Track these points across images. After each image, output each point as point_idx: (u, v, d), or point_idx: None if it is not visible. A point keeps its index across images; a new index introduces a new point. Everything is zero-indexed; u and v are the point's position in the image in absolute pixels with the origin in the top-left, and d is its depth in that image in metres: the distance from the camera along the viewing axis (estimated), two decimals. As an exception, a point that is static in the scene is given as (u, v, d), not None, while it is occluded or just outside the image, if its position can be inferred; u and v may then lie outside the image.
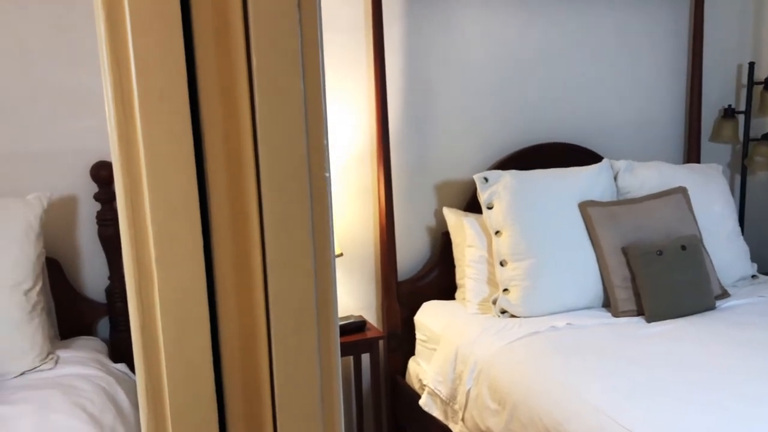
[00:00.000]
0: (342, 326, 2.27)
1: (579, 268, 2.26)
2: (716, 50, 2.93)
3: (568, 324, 2.13)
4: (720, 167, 2.71)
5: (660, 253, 2.19)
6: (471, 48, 2.56)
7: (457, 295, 2.47)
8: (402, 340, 2.48)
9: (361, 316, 2.39)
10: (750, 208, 3.02)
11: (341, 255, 2.41)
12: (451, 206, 2.54)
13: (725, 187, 2.63)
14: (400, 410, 2.49)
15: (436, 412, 2.21)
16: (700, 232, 2.38)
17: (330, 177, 0.49)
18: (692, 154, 2.90)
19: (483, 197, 2.32)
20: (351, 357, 2.37)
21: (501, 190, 2.29)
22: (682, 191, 2.44)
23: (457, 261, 2.47)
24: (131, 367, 1.94)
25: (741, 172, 3.01)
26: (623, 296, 2.21)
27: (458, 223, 2.43)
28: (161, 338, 0.45)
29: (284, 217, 0.47)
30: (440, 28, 2.51)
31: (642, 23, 2.81)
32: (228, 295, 0.47)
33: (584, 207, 2.31)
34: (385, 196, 2.40)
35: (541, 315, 2.20)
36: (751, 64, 2.92)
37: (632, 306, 2.20)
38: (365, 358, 2.40)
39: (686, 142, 2.95)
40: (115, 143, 0.44)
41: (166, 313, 0.45)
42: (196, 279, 0.45)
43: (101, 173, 2.09)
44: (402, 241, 2.51)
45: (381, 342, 2.42)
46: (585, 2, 2.70)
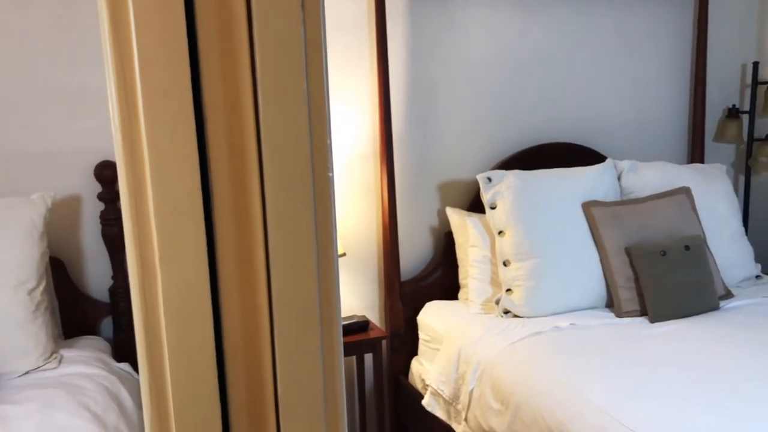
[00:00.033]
0: (345, 326, 2.27)
1: (582, 269, 2.25)
2: (720, 50, 2.93)
3: (572, 324, 2.12)
4: (724, 167, 2.70)
5: (663, 254, 2.18)
6: (474, 47, 2.56)
7: (460, 295, 2.46)
8: (405, 340, 2.48)
9: (364, 316, 2.39)
10: (754, 209, 3.01)
11: (344, 255, 2.41)
12: (454, 206, 2.54)
13: (729, 188, 2.62)
14: (403, 410, 2.49)
15: (439, 412, 2.21)
16: (704, 233, 2.38)
17: (333, 176, 0.49)
18: (696, 154, 2.90)
19: (486, 197, 2.32)
20: (354, 357, 2.37)
21: (504, 190, 2.29)
22: (686, 191, 2.43)
23: (460, 261, 2.47)
24: (134, 367, 1.95)
25: (745, 172, 3.01)
26: (627, 296, 2.20)
27: (461, 223, 2.43)
28: (165, 337, 0.45)
29: (287, 217, 0.47)
30: (443, 28, 2.51)
31: (646, 23, 2.80)
32: (231, 295, 0.47)
33: (588, 207, 2.31)
34: (388, 196, 2.40)
35: (545, 315, 2.20)
36: (755, 64, 2.91)
37: (636, 306, 2.19)
38: (368, 358, 2.40)
39: (690, 142, 2.94)
40: (119, 142, 0.44)
41: (170, 312, 0.45)
42: (200, 278, 0.45)
43: (105, 173, 2.09)
44: (405, 241, 2.51)
45: (384, 342, 2.42)
46: (588, 2, 2.70)
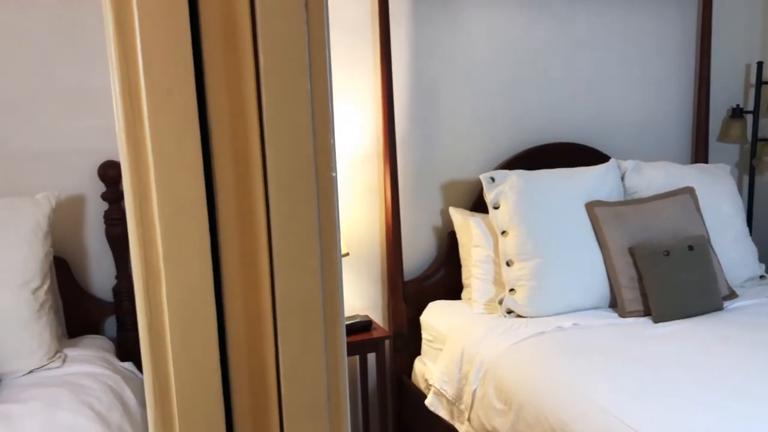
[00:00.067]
0: (348, 326, 2.27)
1: (586, 269, 2.25)
2: (724, 50, 2.92)
3: (575, 324, 2.12)
4: (728, 167, 2.69)
5: (667, 254, 2.18)
6: (477, 47, 2.56)
7: (463, 295, 2.46)
8: (408, 340, 2.48)
9: (367, 316, 2.39)
10: (758, 209, 3.01)
11: (347, 254, 2.41)
12: (458, 206, 2.54)
13: (733, 188, 2.61)
14: (406, 410, 2.49)
15: (442, 412, 2.21)
16: (708, 233, 2.37)
17: (336, 176, 0.49)
18: (700, 154, 2.89)
19: (489, 197, 2.32)
20: (357, 356, 2.37)
21: (507, 190, 2.29)
22: (690, 191, 2.43)
23: (463, 261, 2.46)
24: (138, 366, 1.95)
25: (749, 173, 3.00)
26: (630, 296, 2.20)
27: (464, 223, 2.43)
28: (168, 336, 0.45)
29: (291, 216, 0.47)
30: (446, 28, 2.50)
31: (649, 22, 2.80)
32: (235, 294, 0.47)
33: (591, 207, 2.31)
34: (392, 196, 2.40)
35: (548, 315, 2.20)
36: (760, 64, 2.90)
37: (639, 306, 2.19)
38: (371, 358, 2.40)
39: (694, 142, 2.93)
40: (123, 142, 0.44)
41: (174, 312, 0.45)
42: (204, 278, 0.45)
43: (109, 173, 2.10)
44: (408, 241, 2.51)
45: (387, 342, 2.43)
46: (592, 2, 2.69)
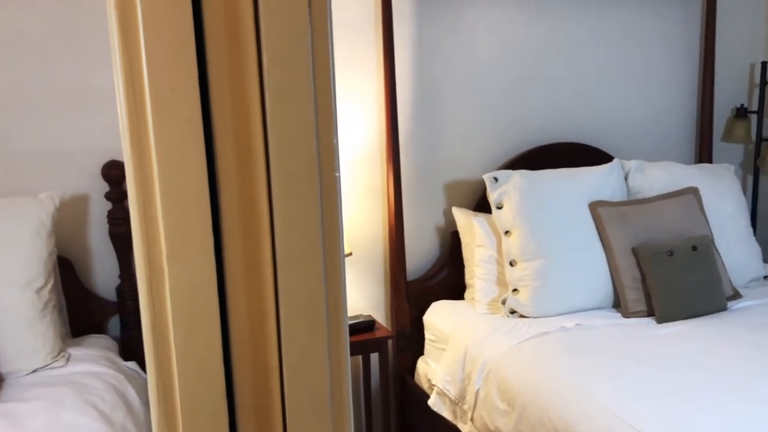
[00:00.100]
0: (351, 325, 2.27)
1: (589, 269, 2.25)
2: (728, 49, 2.91)
3: (578, 324, 2.12)
4: (732, 167, 2.69)
5: (671, 254, 2.18)
6: (480, 47, 2.55)
7: (467, 295, 2.46)
8: (411, 340, 2.48)
9: (370, 316, 2.39)
10: (762, 209, 3.00)
11: (350, 254, 2.41)
12: (461, 206, 2.53)
13: (737, 188, 2.61)
14: (409, 410, 2.49)
15: (445, 412, 2.21)
16: (712, 233, 2.36)
17: (340, 176, 0.49)
18: (704, 154, 2.88)
19: (492, 197, 2.31)
20: (360, 356, 2.37)
21: (511, 190, 2.28)
22: (694, 191, 2.42)
23: (467, 261, 2.46)
24: (141, 365, 1.95)
25: (753, 173, 2.99)
26: (633, 297, 2.20)
27: (467, 223, 2.43)
28: (172, 336, 0.45)
29: (294, 216, 0.47)
30: (449, 27, 2.50)
31: (653, 22, 2.79)
32: (238, 293, 0.47)
33: (594, 207, 2.30)
34: (395, 196, 2.40)
35: (551, 315, 2.19)
36: (764, 64, 2.89)
37: (642, 307, 2.19)
38: (374, 358, 2.40)
39: (698, 142, 2.93)
40: (127, 142, 0.44)
41: (177, 311, 0.45)
42: (207, 277, 0.45)
43: (112, 172, 2.10)
44: (411, 241, 2.51)
45: (390, 341, 2.42)
46: (595, 1, 2.69)
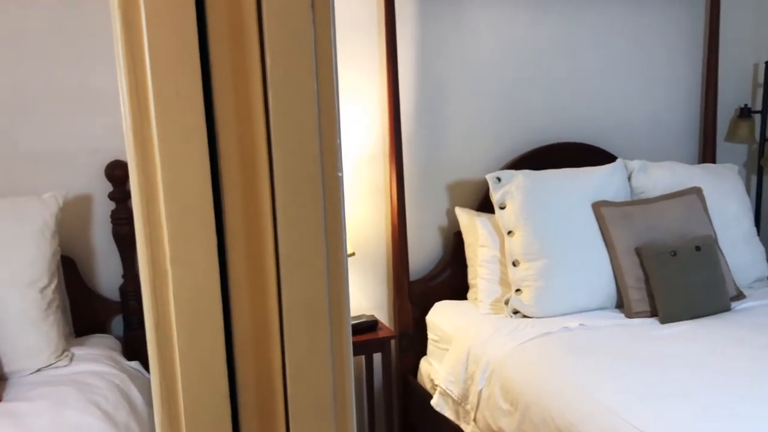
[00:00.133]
0: (354, 325, 2.27)
1: (592, 269, 2.24)
2: (732, 49, 2.90)
3: (581, 325, 2.12)
4: (736, 167, 2.68)
5: (674, 254, 2.17)
6: (483, 47, 2.55)
7: (470, 295, 2.46)
8: (414, 340, 2.48)
9: (373, 316, 2.39)
10: (766, 209, 2.99)
11: (353, 254, 2.41)
12: (464, 206, 2.53)
13: (741, 188, 2.60)
14: (412, 410, 2.49)
15: (448, 412, 2.21)
16: (715, 233, 2.36)
17: (342, 177, 0.49)
18: (707, 154, 2.88)
19: (495, 197, 2.31)
20: (363, 356, 2.37)
21: (514, 190, 2.28)
22: (697, 191, 2.42)
23: (470, 261, 2.46)
24: (145, 365, 1.96)
25: (757, 173, 2.98)
26: (637, 297, 2.19)
27: (470, 223, 2.43)
28: (175, 336, 0.46)
29: (297, 217, 0.47)
30: (452, 27, 2.50)
31: (656, 21, 2.79)
32: (241, 294, 0.47)
33: (598, 207, 2.30)
34: (397, 196, 2.40)
35: (554, 315, 2.19)
36: (768, 63, 2.89)
37: (646, 307, 2.18)
38: (377, 358, 2.40)
39: (701, 142, 2.92)
40: (131, 143, 0.44)
41: (181, 312, 0.45)
42: (210, 278, 0.45)
43: (116, 172, 2.11)
44: (414, 241, 2.51)
45: (393, 341, 2.43)
46: (598, 1, 2.69)
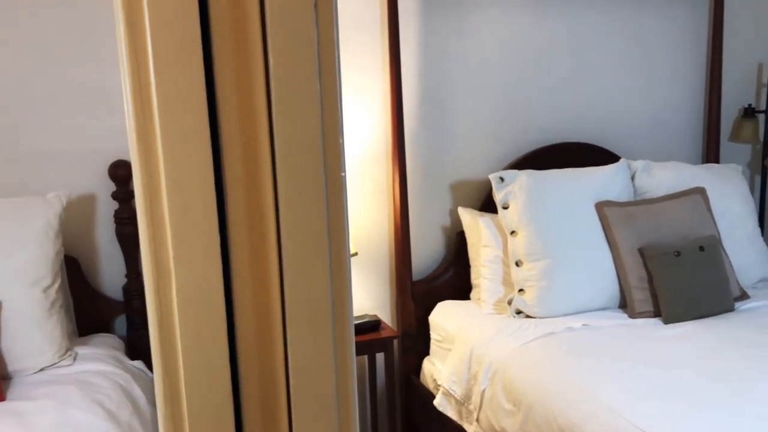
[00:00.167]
0: (357, 325, 2.27)
1: (595, 269, 2.24)
2: (736, 49, 2.89)
3: (584, 325, 2.11)
4: (739, 167, 2.67)
5: (678, 254, 2.17)
6: (486, 47, 2.55)
7: (472, 295, 2.46)
8: (416, 340, 2.48)
9: (376, 316, 2.39)
10: (770, 209, 2.98)
11: (356, 254, 2.41)
12: (467, 206, 2.53)
13: (745, 188, 2.59)
14: (415, 410, 2.49)
15: (451, 413, 2.21)
16: (719, 233, 2.35)
17: (345, 176, 0.49)
18: (711, 154, 2.87)
19: (498, 197, 2.31)
20: (365, 356, 2.37)
21: (517, 190, 2.28)
22: (701, 192, 2.41)
23: (472, 261, 2.46)
24: (148, 365, 1.96)
25: (761, 173, 2.97)
26: (640, 297, 2.19)
27: (473, 223, 2.43)
28: (178, 335, 0.46)
29: (300, 216, 0.47)
30: (454, 27, 2.50)
31: (660, 21, 2.78)
32: (244, 294, 0.47)
33: (601, 207, 2.30)
34: (400, 196, 2.40)
35: (557, 316, 2.19)
36: (772, 63, 2.88)
37: (649, 307, 2.18)
38: (380, 358, 2.40)
39: (705, 142, 2.91)
40: (134, 143, 0.44)
41: (184, 311, 0.45)
42: (214, 277, 0.46)
43: (119, 172, 2.11)
44: (417, 241, 2.51)
45: (395, 341, 2.43)
46: (602, 1, 2.68)
